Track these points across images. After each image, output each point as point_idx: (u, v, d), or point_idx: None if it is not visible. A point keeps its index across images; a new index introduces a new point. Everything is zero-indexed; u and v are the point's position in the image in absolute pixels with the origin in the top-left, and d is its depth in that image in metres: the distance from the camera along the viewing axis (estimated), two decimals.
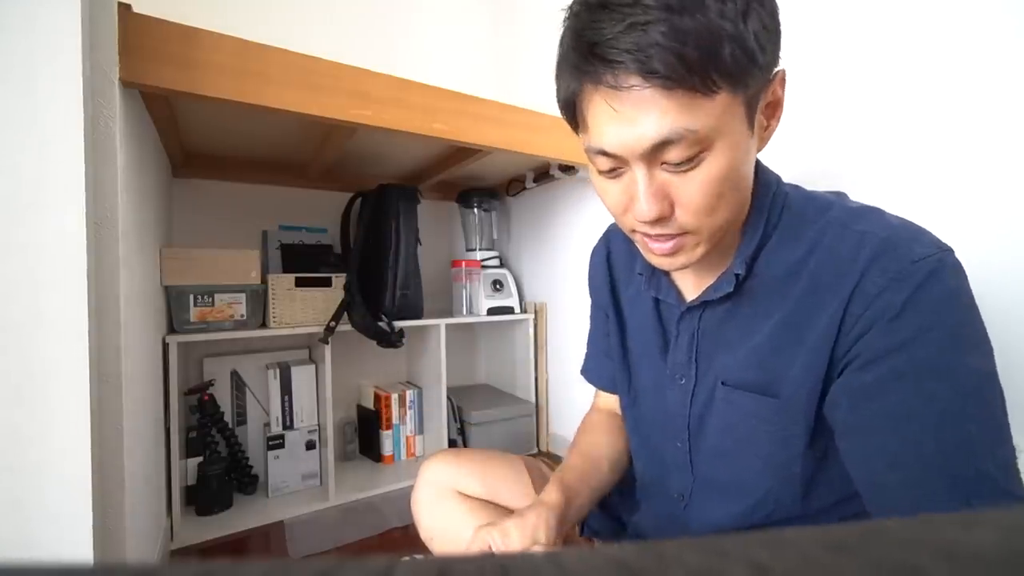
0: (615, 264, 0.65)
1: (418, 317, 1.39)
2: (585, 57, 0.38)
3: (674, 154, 0.38)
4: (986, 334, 0.39)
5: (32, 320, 0.56)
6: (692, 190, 0.40)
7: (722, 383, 0.49)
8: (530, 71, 1.53)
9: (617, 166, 0.42)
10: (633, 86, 0.36)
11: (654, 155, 0.39)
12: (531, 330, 1.58)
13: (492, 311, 1.52)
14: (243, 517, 1.15)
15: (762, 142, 0.44)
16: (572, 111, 0.43)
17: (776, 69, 0.40)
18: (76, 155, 0.58)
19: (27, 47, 0.56)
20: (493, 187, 1.64)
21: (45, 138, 0.57)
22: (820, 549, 0.09)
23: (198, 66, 0.76)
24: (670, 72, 0.34)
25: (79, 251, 0.58)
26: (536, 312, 1.59)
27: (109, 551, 0.63)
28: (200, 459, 1.18)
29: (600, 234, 0.70)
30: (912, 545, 0.09)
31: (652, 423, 0.59)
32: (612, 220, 0.54)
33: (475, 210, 1.63)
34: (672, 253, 0.44)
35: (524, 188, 1.55)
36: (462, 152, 1.22)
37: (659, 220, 0.41)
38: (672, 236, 0.43)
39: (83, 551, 0.58)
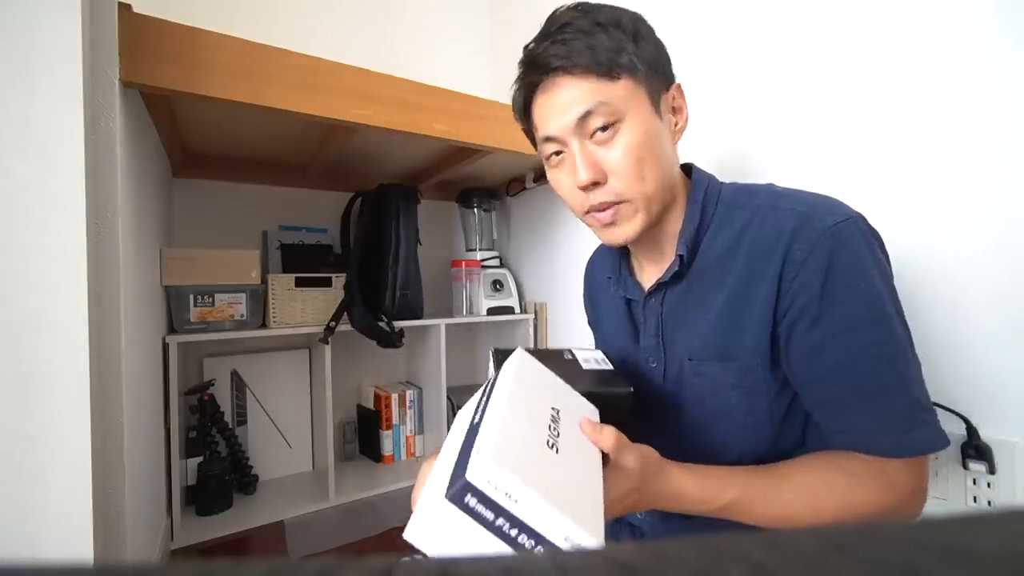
0: (594, 281, 0.75)
1: (418, 317, 1.39)
2: (531, 69, 0.53)
3: (596, 121, 0.50)
4: (892, 281, 0.48)
5: (32, 320, 0.56)
6: (617, 156, 0.51)
7: (688, 359, 0.55)
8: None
9: (559, 149, 0.54)
10: (560, 80, 0.51)
11: (582, 127, 0.51)
12: (531, 330, 1.58)
13: (492, 311, 1.52)
14: (243, 517, 1.15)
15: (674, 136, 0.55)
16: (526, 117, 0.57)
17: (673, 82, 0.55)
18: (76, 155, 0.58)
19: (27, 47, 0.56)
20: (493, 187, 1.64)
21: (45, 138, 0.57)
22: (819, 549, 0.09)
23: (199, 66, 0.76)
24: (585, 64, 0.49)
25: (79, 251, 0.58)
26: (536, 312, 1.59)
27: (109, 551, 0.63)
28: (200, 459, 1.18)
29: (595, 237, 0.72)
30: (912, 545, 0.09)
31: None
32: None
33: (475, 210, 1.63)
34: (614, 222, 0.54)
35: (524, 188, 1.55)
36: (462, 152, 1.22)
37: (595, 185, 0.52)
38: (610, 204, 0.52)
39: (83, 551, 0.58)
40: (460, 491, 0.30)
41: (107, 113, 0.65)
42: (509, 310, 1.56)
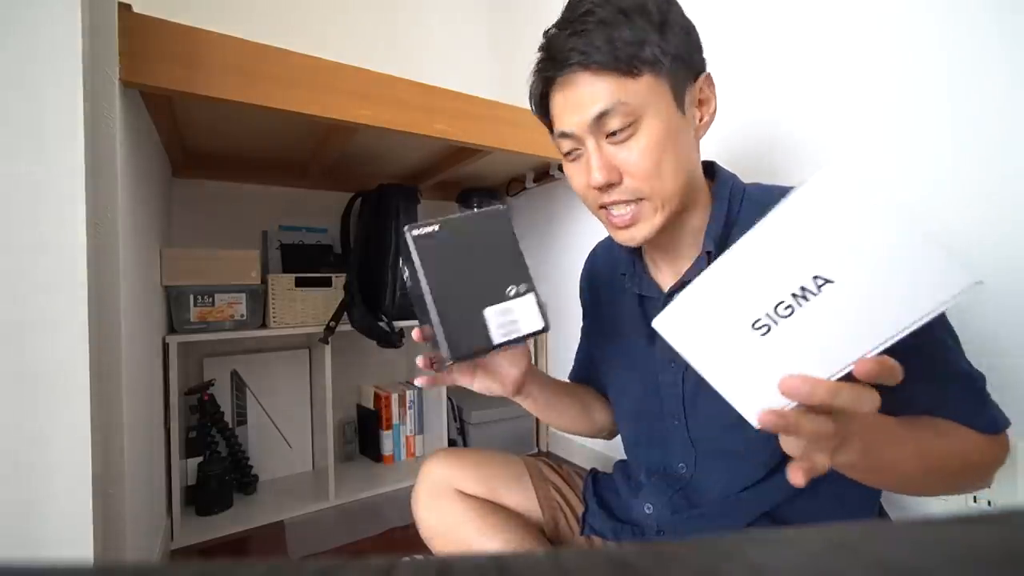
0: (597, 276, 0.73)
1: None
2: (548, 63, 0.52)
3: (613, 123, 0.49)
4: None
5: (32, 320, 0.56)
6: (634, 157, 0.49)
7: None
8: (529, 71, 1.52)
9: (575, 147, 0.53)
10: (578, 77, 0.49)
11: (598, 127, 0.49)
12: None
13: None
14: (243, 517, 1.15)
15: (700, 131, 0.54)
16: (543, 110, 0.56)
17: (702, 72, 0.52)
18: (76, 155, 0.58)
19: (27, 47, 0.56)
20: (493, 187, 1.64)
21: (45, 138, 0.57)
22: (820, 549, 0.09)
23: (198, 66, 0.76)
24: (603, 60, 0.47)
25: (79, 251, 0.58)
26: None
27: (109, 551, 0.63)
28: (200, 459, 1.18)
29: (596, 236, 0.73)
30: (912, 545, 0.09)
31: (646, 409, 0.62)
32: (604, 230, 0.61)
33: (475, 210, 1.63)
34: (632, 224, 0.52)
35: (524, 188, 1.55)
36: (462, 152, 1.22)
37: (609, 186, 0.51)
38: (628, 203, 0.51)
39: (83, 551, 0.58)
40: None
41: (107, 113, 0.65)
42: None
